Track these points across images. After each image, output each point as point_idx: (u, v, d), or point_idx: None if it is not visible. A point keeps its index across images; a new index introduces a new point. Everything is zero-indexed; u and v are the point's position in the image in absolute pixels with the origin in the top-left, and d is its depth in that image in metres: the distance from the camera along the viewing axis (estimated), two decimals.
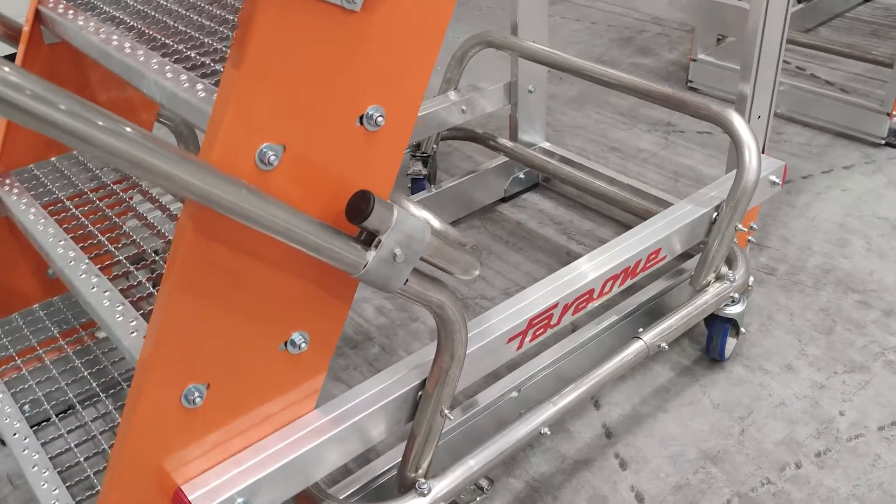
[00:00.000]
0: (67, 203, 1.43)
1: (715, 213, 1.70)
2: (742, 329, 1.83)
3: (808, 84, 2.94)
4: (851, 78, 3.19)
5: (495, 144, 2.33)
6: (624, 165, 2.67)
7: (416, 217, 1.07)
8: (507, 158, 2.41)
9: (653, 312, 1.80)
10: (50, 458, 1.33)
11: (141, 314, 1.15)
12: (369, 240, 1.05)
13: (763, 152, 1.87)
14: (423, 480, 1.29)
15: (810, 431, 1.67)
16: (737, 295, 1.73)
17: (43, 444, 1.36)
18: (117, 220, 1.37)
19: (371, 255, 1.03)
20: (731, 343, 1.83)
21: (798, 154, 2.70)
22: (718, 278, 1.72)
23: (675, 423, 1.70)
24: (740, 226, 1.67)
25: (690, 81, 3.18)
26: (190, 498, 1.09)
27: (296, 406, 1.21)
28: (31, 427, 1.40)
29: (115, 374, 1.50)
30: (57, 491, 1.27)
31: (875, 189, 2.50)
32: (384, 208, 1.02)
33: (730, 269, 1.75)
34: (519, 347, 1.44)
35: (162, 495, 1.10)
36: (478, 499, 1.35)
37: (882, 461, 1.60)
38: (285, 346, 1.15)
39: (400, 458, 1.33)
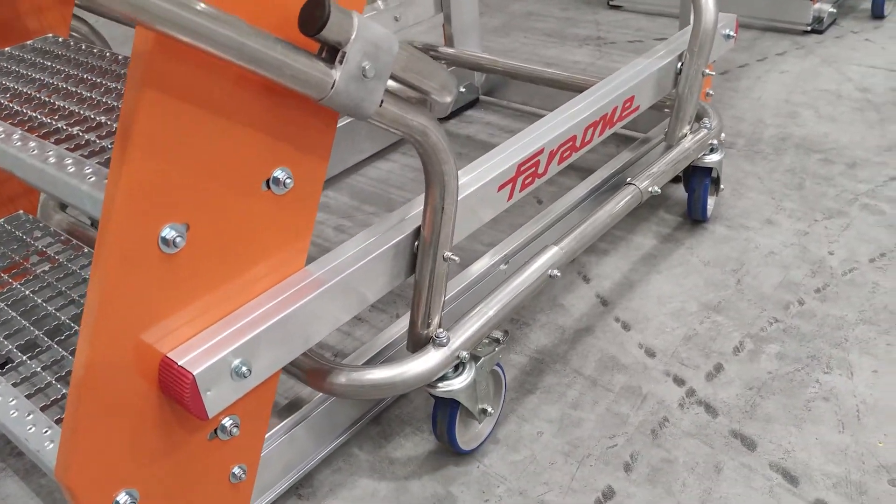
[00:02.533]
0: None
1: (679, 63, 1.65)
2: (721, 185, 1.78)
3: None
4: None
5: (437, 54, 2.23)
6: None
7: (377, 25, 0.93)
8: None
9: (618, 186, 1.73)
10: (13, 385, 1.14)
11: (97, 163, 0.99)
12: (332, 56, 0.91)
13: None
14: (441, 330, 1.17)
15: (805, 272, 1.63)
16: (715, 142, 1.67)
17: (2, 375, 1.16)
18: (48, 99, 1.20)
19: (337, 71, 0.89)
20: (711, 201, 1.77)
21: (730, 49, 2.70)
22: (692, 131, 1.67)
23: (668, 284, 1.63)
24: (707, 70, 1.62)
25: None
26: (180, 363, 0.94)
27: (284, 265, 1.07)
28: None
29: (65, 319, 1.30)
30: (31, 416, 1.08)
31: (811, 68, 2.51)
32: (342, 14, 0.87)
33: (699, 123, 1.70)
34: (510, 197, 1.34)
35: (144, 375, 0.94)
36: (496, 349, 1.24)
37: (881, 287, 1.57)
38: (268, 186, 1.01)
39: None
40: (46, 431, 1.04)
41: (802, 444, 1.26)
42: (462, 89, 2.39)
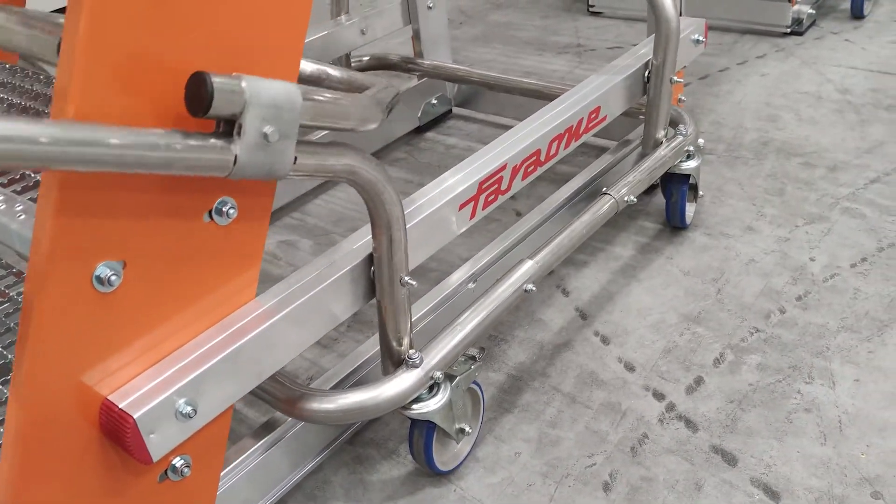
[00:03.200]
0: None
1: (647, 71, 1.63)
2: (700, 192, 1.76)
3: None
4: None
5: (414, 66, 2.21)
6: None
7: (275, 82, 0.86)
8: (417, 82, 2.30)
9: (594, 195, 1.70)
10: None
11: (29, 199, 0.96)
12: (230, 129, 0.84)
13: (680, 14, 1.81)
14: (413, 351, 1.15)
15: (786, 280, 1.60)
16: (691, 148, 1.65)
17: None
18: None
19: (237, 145, 0.83)
20: (690, 208, 1.75)
21: (709, 53, 2.69)
22: (668, 138, 1.65)
23: (648, 295, 1.61)
24: (675, 77, 1.61)
25: (592, 6, 3.14)
26: (121, 406, 0.89)
27: (233, 297, 1.02)
28: None
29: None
30: None
31: (792, 70, 2.50)
32: (229, 84, 0.81)
33: (675, 130, 1.69)
34: (472, 216, 1.31)
35: (85, 418, 0.89)
36: (472, 367, 1.21)
37: (862, 293, 1.54)
38: (211, 216, 0.97)
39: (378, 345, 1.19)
40: None
41: (784, 457, 1.23)
42: (434, 101, 2.36)
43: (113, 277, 0.86)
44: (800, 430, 1.28)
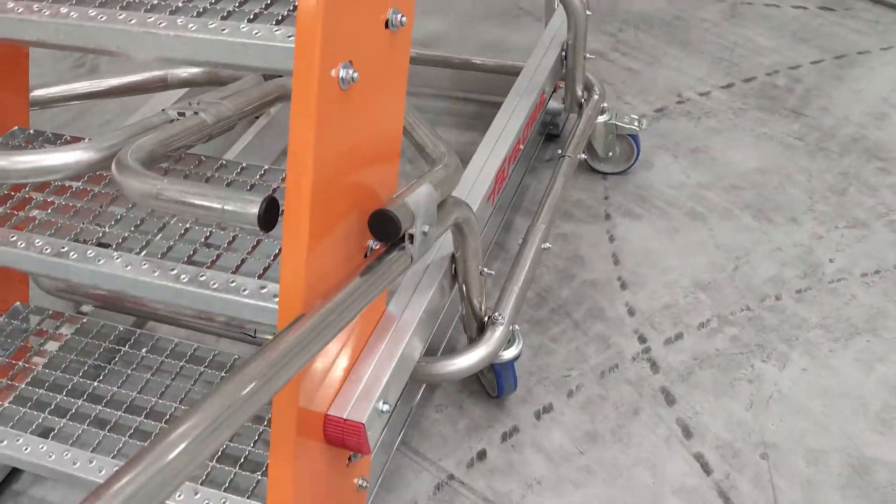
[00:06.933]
0: None
1: (563, 52, 2.05)
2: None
3: None
4: None
5: None
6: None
7: (422, 188, 1.09)
8: None
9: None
10: None
11: None
12: (400, 238, 1.07)
13: None
14: (497, 312, 1.50)
15: (797, 273, 1.88)
16: (605, 104, 2.09)
17: None
18: None
19: (410, 249, 1.07)
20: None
21: (861, 31, 2.74)
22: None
23: (677, 258, 1.94)
24: (587, 55, 2.06)
25: None
26: (344, 416, 1.13)
27: (371, 312, 1.27)
28: None
29: None
30: None
31: None
32: (405, 212, 1.02)
33: (590, 93, 2.11)
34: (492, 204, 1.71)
35: (316, 435, 1.13)
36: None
37: (856, 301, 1.80)
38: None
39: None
40: None
41: (712, 410, 1.60)
42: None
43: None
44: (736, 394, 1.63)
